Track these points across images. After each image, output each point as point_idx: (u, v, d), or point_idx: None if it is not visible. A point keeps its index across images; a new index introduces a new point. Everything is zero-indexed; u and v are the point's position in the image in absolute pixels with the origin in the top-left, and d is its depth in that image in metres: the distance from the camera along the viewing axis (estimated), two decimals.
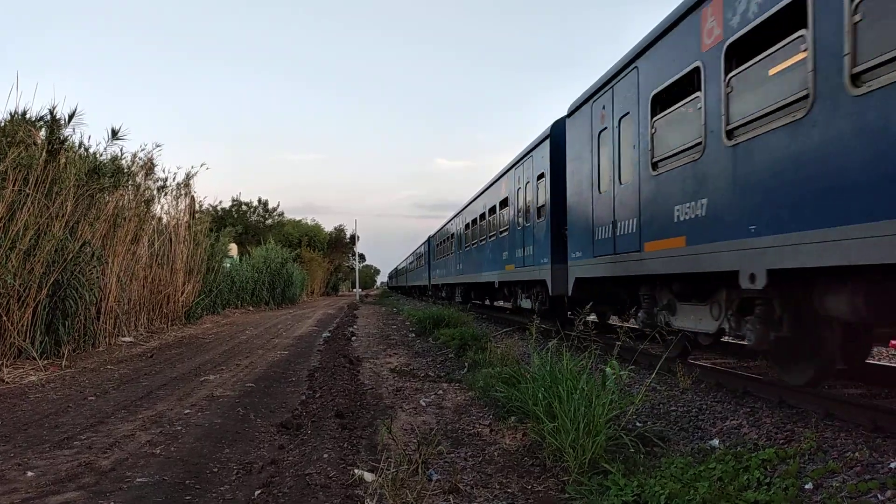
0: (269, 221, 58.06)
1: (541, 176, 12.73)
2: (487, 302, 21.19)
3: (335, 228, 72.48)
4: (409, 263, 50.32)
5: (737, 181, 5.86)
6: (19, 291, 9.89)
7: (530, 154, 13.54)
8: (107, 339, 12.90)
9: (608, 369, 5.01)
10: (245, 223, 52.83)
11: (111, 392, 7.97)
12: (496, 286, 17.52)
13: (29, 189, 10.16)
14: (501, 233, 16.30)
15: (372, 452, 5.05)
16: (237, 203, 55.13)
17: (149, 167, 16.34)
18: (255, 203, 57.82)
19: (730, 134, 5.94)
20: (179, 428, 6.02)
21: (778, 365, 6.24)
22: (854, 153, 4.45)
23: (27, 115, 10.96)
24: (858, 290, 4.84)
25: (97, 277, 12.15)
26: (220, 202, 49.36)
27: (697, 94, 6.54)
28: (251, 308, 30.00)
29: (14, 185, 9.84)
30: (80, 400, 7.45)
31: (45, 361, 10.00)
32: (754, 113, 5.55)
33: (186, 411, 6.76)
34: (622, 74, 8.57)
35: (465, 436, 5.65)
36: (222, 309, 24.46)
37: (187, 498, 4.11)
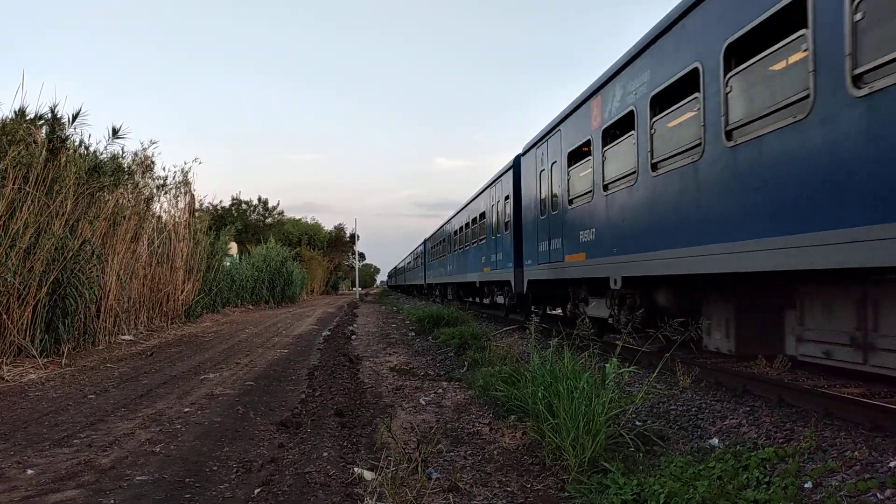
0: (269, 220, 58.04)
1: (507, 197, 15.35)
2: (473, 299, 23.77)
3: (335, 227, 72.51)
4: (408, 264, 53.30)
5: (609, 218, 8.91)
6: (19, 289, 9.89)
7: (500, 179, 16.30)
8: (106, 338, 12.90)
9: (608, 367, 5.02)
10: (245, 222, 52.82)
11: (111, 390, 7.97)
12: (477, 285, 20.35)
13: (29, 187, 10.16)
14: (481, 240, 18.79)
15: (371, 451, 5.06)
16: (237, 202, 55.11)
17: (147, 165, 16.34)
18: (255, 202, 57.81)
19: (605, 188, 9.02)
20: (179, 426, 6.03)
21: (640, 337, 7.57)
22: (654, 209, 7.47)
23: (27, 114, 10.96)
24: (669, 290, 7.92)
25: (97, 276, 12.15)
26: (221, 201, 49.33)
27: (590, 157, 9.57)
28: (251, 307, 30.00)
29: (14, 184, 9.84)
30: (79, 398, 7.46)
31: (45, 360, 10.00)
32: (614, 176, 8.69)
33: (186, 409, 6.77)
34: (553, 132, 11.54)
35: (465, 434, 5.66)
36: (222, 307, 24.46)
37: (187, 496, 4.11)
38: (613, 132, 8.75)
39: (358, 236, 59.50)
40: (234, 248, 32.67)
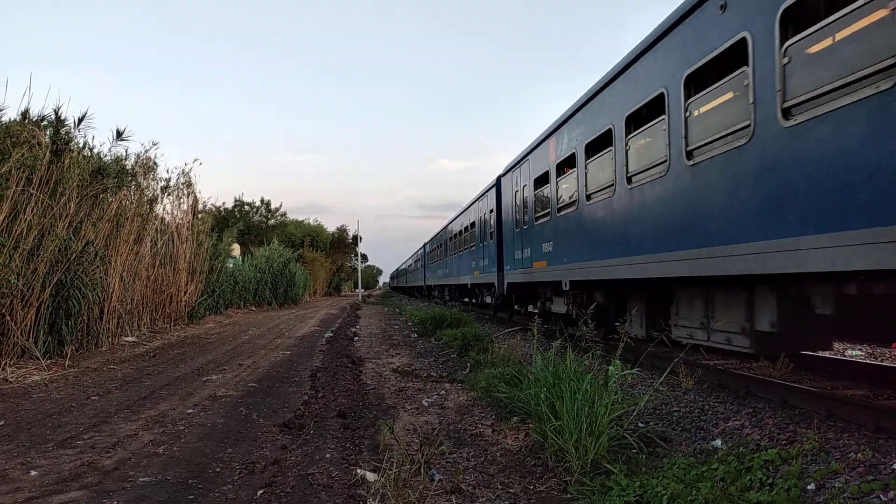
0: (271, 222, 58.11)
1: (491, 211, 17.30)
2: (469, 300, 25.24)
3: (338, 229, 72.52)
4: (409, 266, 55.59)
5: (561, 234, 11.01)
6: (23, 291, 9.92)
7: (486, 194, 18.36)
8: (110, 339, 12.92)
9: (611, 369, 5.02)
10: (248, 223, 52.87)
11: (114, 392, 7.99)
12: (469, 287, 22.66)
13: (33, 189, 10.19)
14: (471, 247, 20.87)
15: (374, 452, 5.06)
16: (240, 203, 55.18)
17: (150, 167, 16.37)
18: (258, 203, 57.88)
19: (558, 210, 11.03)
20: (182, 427, 6.04)
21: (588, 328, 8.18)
22: (588, 229, 9.61)
23: (31, 116, 10.99)
24: (603, 290, 9.83)
25: (100, 277, 12.17)
26: (224, 203, 49.41)
27: (548, 184, 11.61)
28: (254, 308, 30.03)
29: (18, 185, 9.86)
30: (83, 399, 7.47)
31: (49, 361, 10.03)
32: (564, 202, 10.75)
33: (189, 411, 6.78)
34: (523, 160, 13.72)
35: (468, 436, 5.66)
36: (225, 309, 24.49)
37: (190, 497, 4.12)
38: (564, 167, 10.87)
39: (360, 237, 59.56)
40: (236, 249, 32.71)
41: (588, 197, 9.50)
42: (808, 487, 3.74)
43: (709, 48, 6.12)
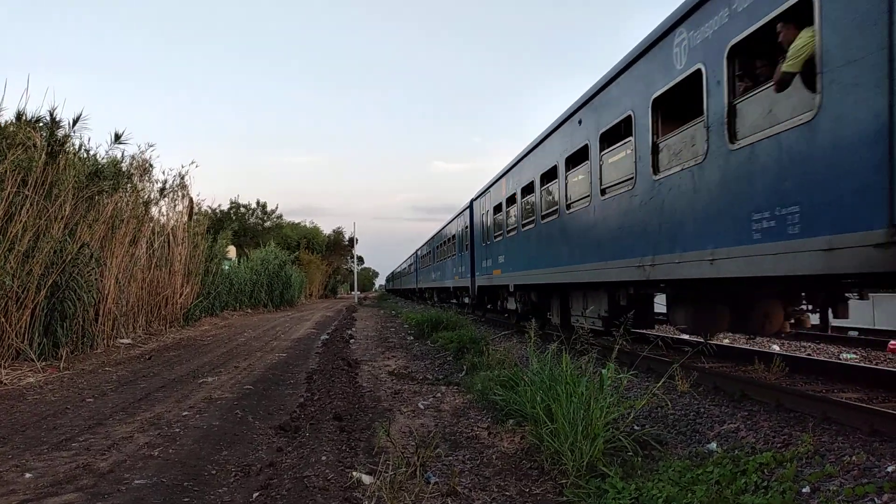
0: (267, 224, 58.05)
1: (466, 227, 20.69)
2: (456, 300, 27.81)
3: (334, 231, 72.52)
4: (403, 270, 58.40)
5: (507, 250, 14.44)
6: (18, 293, 9.89)
7: (462, 213, 21.98)
8: (105, 341, 12.89)
9: (605, 372, 5.02)
10: (243, 225, 52.79)
11: (109, 394, 7.97)
12: (451, 290, 25.98)
13: (28, 190, 10.16)
14: (453, 256, 24.27)
15: (370, 455, 5.06)
16: (235, 205, 55.12)
17: (146, 168, 16.35)
18: (254, 205, 57.81)
19: (507, 232, 14.51)
20: (177, 430, 6.02)
21: (531, 320, 10.23)
22: (523, 247, 13.14)
23: (23, 117, 10.95)
24: (535, 292, 12.92)
25: (95, 279, 12.14)
26: (220, 205, 49.33)
27: (501, 212, 15.09)
28: (249, 310, 29.99)
29: (12, 187, 9.83)
30: (78, 402, 7.45)
31: (44, 363, 9.99)
32: (511, 226, 14.04)
33: (184, 413, 6.76)
34: (487, 191, 17.36)
35: (464, 438, 5.66)
36: (220, 311, 24.45)
37: (185, 500, 4.11)
38: (510, 201, 14.33)
39: (356, 240, 59.50)
40: (232, 251, 32.66)
41: (523, 225, 13.16)
42: (803, 490, 3.75)
43: (576, 145, 9.80)
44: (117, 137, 13.69)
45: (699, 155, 6.27)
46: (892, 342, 10.36)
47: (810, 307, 6.95)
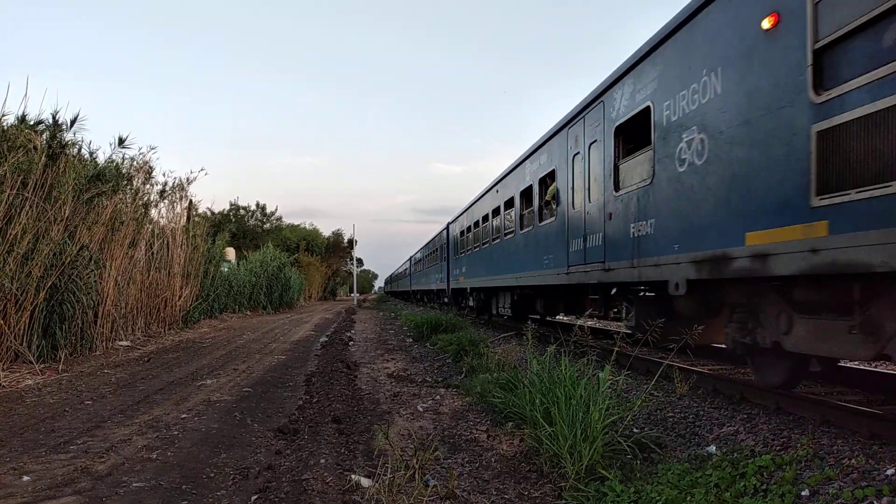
0: (266, 226, 58.02)
1: (444, 244, 27.08)
2: (442, 301, 32.72)
3: (333, 233, 72.49)
4: (399, 273, 64.50)
5: (468, 262, 20.38)
6: (16, 295, 9.88)
7: (442, 232, 28.39)
8: (104, 343, 12.87)
9: (602, 375, 5.02)
10: (243, 227, 52.78)
11: (108, 396, 7.96)
12: (434, 291, 32.70)
13: (27, 192, 10.15)
14: (436, 264, 31.03)
15: (369, 458, 5.05)
16: (235, 207, 55.10)
17: (146, 171, 16.33)
18: (253, 207, 57.79)
19: (468, 250, 20.39)
20: (176, 432, 6.02)
21: (483, 314, 18.71)
22: (480, 260, 18.78)
23: (28, 120, 10.95)
24: (487, 292, 18.84)
25: (95, 281, 12.13)
26: (222, 210, 49.33)
27: (465, 235, 20.98)
28: (248, 313, 29.96)
29: (13, 189, 9.83)
30: (76, 404, 7.44)
31: (42, 365, 9.98)
32: (469, 247, 20.38)
33: (183, 416, 6.75)
34: (458, 218, 22.81)
35: (463, 441, 5.65)
36: (219, 313, 24.42)
37: (184, 503, 4.11)
38: (469, 230, 20.25)
39: (356, 241, 59.51)
40: (231, 253, 32.63)
41: (475, 246, 19.03)
42: (803, 493, 3.75)
43: (496, 203, 16.03)
44: (121, 141, 13.71)
45: (514, 224, 14.09)
46: None
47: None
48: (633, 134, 7.98)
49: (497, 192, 16.01)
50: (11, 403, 7.51)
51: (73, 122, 11.69)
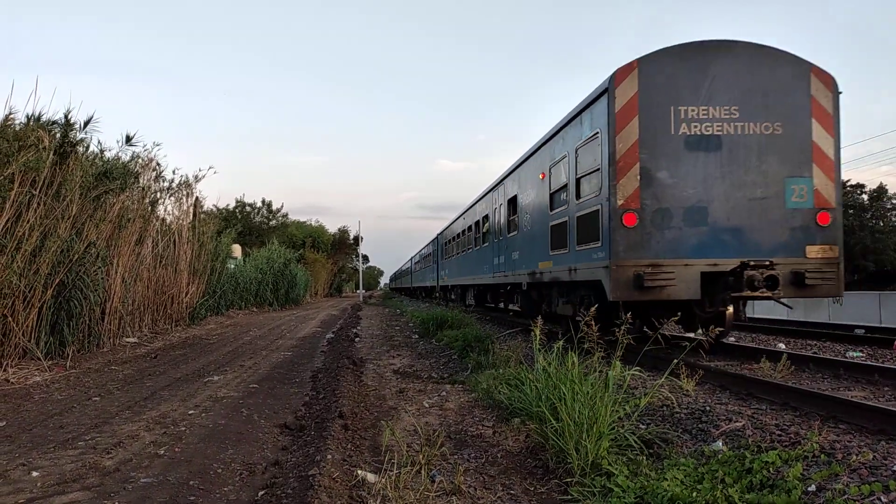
0: (273, 223, 58.15)
1: (435, 250, 32.81)
2: (434, 295, 38.76)
3: (339, 230, 72.61)
4: (403, 271, 68.95)
5: (449, 266, 27.30)
6: (24, 292, 9.93)
7: (431, 243, 35.23)
8: (111, 340, 12.94)
9: (610, 372, 5.01)
10: (249, 224, 52.91)
11: (115, 392, 8.00)
12: (428, 287, 38.58)
13: (36, 190, 10.19)
14: (430, 266, 36.46)
15: (375, 454, 5.06)
16: (241, 204, 55.25)
17: (153, 168, 16.37)
18: (259, 204, 57.94)
19: (450, 256, 26.54)
20: (183, 428, 6.04)
21: (460, 303, 23.86)
22: (450, 266, 27.33)
23: (41, 120, 10.97)
24: (461, 289, 25.47)
25: (102, 278, 12.18)
26: (227, 205, 49.42)
27: (449, 244, 27.30)
28: (255, 309, 30.04)
29: (21, 186, 9.86)
30: (84, 400, 7.48)
31: (50, 362, 10.04)
32: (451, 253, 26.45)
33: (190, 412, 6.78)
34: (444, 231, 29.26)
35: (468, 437, 5.66)
36: (226, 310, 24.50)
37: (191, 498, 4.13)
38: (450, 241, 25.90)
39: (361, 238, 59.59)
40: (237, 250, 32.71)
41: (455, 253, 24.19)
42: (809, 489, 3.74)
43: (466, 224, 21.80)
44: (128, 139, 13.74)
45: (471, 243, 20.67)
46: None
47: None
48: (512, 207, 14.54)
49: (464, 219, 22.39)
50: (20, 400, 7.56)
51: (86, 123, 11.75)
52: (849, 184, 76.21)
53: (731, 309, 8.87)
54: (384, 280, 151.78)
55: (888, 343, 10.56)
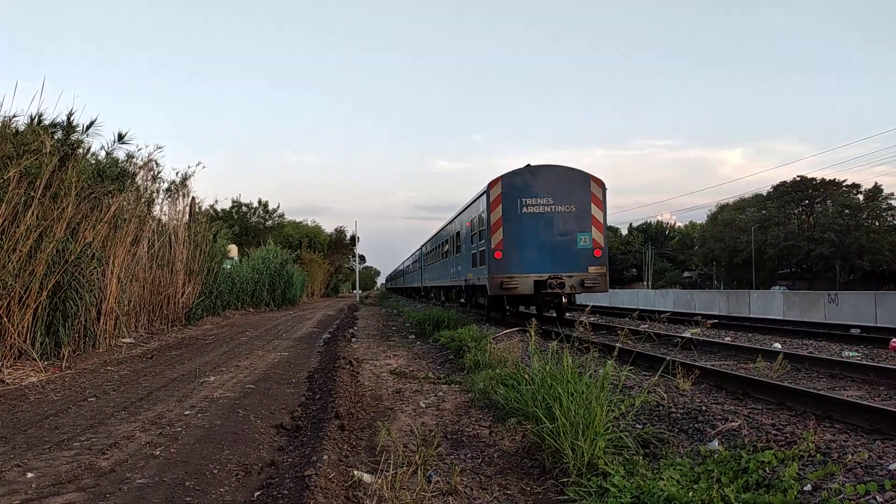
0: (269, 223, 58.07)
1: (419, 258, 39.25)
2: (420, 295, 45.01)
3: (335, 230, 72.49)
4: (397, 273, 73.11)
5: (427, 271, 35.16)
6: (20, 293, 9.90)
7: (415, 253, 43.60)
8: (107, 341, 12.90)
9: (602, 371, 5.02)
10: (245, 225, 52.84)
11: (111, 393, 7.98)
12: (416, 288, 44.34)
13: (33, 192, 10.16)
14: (417, 271, 41.44)
15: (371, 454, 5.06)
16: (237, 204, 55.16)
17: (150, 169, 16.33)
18: (256, 204, 57.85)
19: (428, 264, 33.67)
20: (179, 429, 6.03)
21: (438, 301, 29.52)
22: (422, 274, 38.17)
23: (43, 122, 10.92)
24: (434, 289, 32.68)
25: (97, 279, 12.15)
26: (221, 204, 49.28)
27: (427, 255, 34.17)
28: (251, 309, 30.01)
29: (18, 189, 9.83)
30: (80, 401, 7.46)
31: (46, 363, 10.01)
32: (429, 262, 33.36)
33: (186, 412, 6.77)
34: (424, 245, 36.26)
35: (465, 437, 5.66)
36: (222, 310, 24.46)
37: (187, 499, 4.12)
38: (431, 252, 30.89)
39: (358, 238, 59.52)
40: (234, 250, 32.66)
41: (431, 263, 30.61)
42: (805, 489, 3.75)
43: (435, 245, 29.51)
44: (120, 137, 13.63)
45: (439, 257, 27.21)
46: (894, 340, 10.34)
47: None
48: (457, 238, 20.23)
49: (435, 240, 29.02)
50: (15, 400, 7.53)
51: (88, 126, 11.73)
52: (844, 184, 76.56)
53: (565, 299, 15.23)
54: (381, 280, 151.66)
55: (884, 343, 10.60)
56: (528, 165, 15.28)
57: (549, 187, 14.88)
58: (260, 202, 58.06)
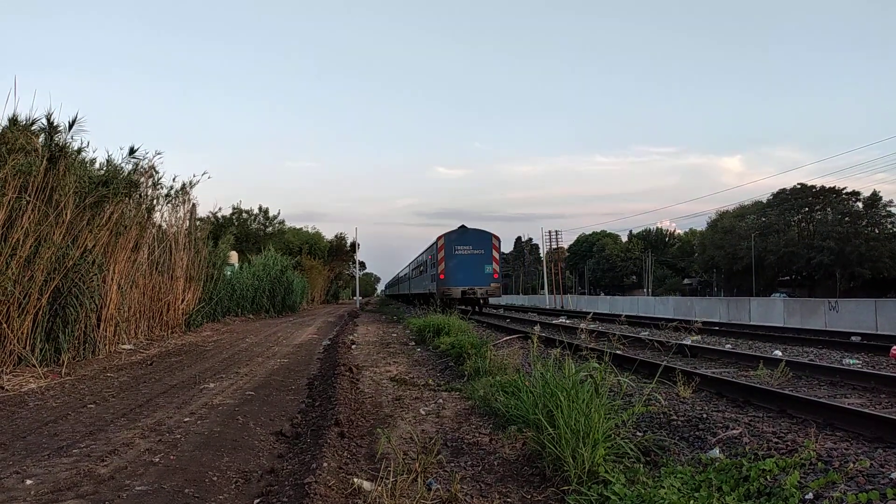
0: (269, 229, 58.04)
1: (406, 273, 51.82)
2: (413, 302, 49.52)
3: (336, 236, 72.40)
4: (394, 281, 77.78)
5: (408, 283, 50.51)
6: (19, 299, 9.89)
7: (404, 270, 55.27)
8: (106, 347, 12.88)
9: (597, 376, 5.01)
10: (245, 231, 52.83)
11: (110, 400, 7.96)
12: (406, 295, 50.72)
13: (28, 196, 10.17)
14: (406, 282, 50.08)
15: (371, 461, 5.04)
16: (237, 210, 55.14)
17: (151, 175, 16.33)
18: (256, 211, 57.83)
19: (410, 279, 48.40)
20: (179, 436, 6.01)
21: (422, 305, 33.92)
22: (407, 283, 52.32)
23: (19, 122, 10.88)
24: (414, 297, 43.36)
25: (97, 285, 12.15)
26: (221, 209, 49.31)
27: (411, 272, 49.21)
28: (251, 316, 29.98)
29: (13, 192, 9.84)
30: (79, 407, 7.44)
31: (45, 369, 9.99)
32: (412, 276, 46.42)
33: (186, 419, 6.75)
34: (409, 264, 51.00)
35: (465, 445, 5.64)
36: (222, 317, 24.43)
37: None
38: (411, 270, 45.78)
39: (358, 245, 59.54)
40: (234, 257, 32.65)
41: (413, 276, 43.29)
42: (807, 497, 3.73)
43: (417, 264, 40.65)
44: (132, 151, 14.04)
45: (417, 275, 39.57)
46: (895, 348, 10.33)
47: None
48: (423, 265, 35.50)
49: (414, 264, 40.43)
50: (14, 407, 7.51)
51: (71, 124, 11.68)
52: (844, 191, 76.62)
53: (481, 301, 28.30)
54: (381, 287, 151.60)
55: (885, 350, 10.58)
56: (462, 226, 28.64)
57: (470, 240, 28.01)
58: (260, 209, 58.02)
